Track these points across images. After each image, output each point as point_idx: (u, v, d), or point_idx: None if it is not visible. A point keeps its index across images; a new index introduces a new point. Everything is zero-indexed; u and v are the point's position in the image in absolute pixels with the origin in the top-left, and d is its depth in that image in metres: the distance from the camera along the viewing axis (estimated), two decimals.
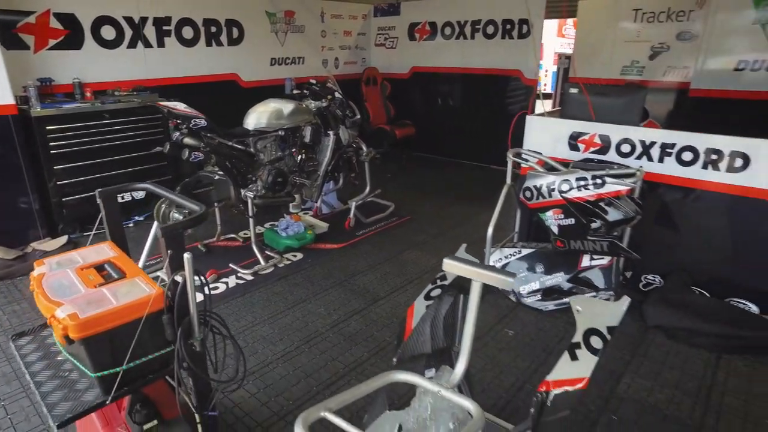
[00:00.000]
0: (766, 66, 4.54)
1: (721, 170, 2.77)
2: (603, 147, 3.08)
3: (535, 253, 3.04)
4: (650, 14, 5.77)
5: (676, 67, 5.62)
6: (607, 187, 2.63)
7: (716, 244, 2.93)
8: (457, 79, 6.60)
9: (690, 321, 2.72)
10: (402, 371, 1.49)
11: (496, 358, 2.56)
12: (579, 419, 2.15)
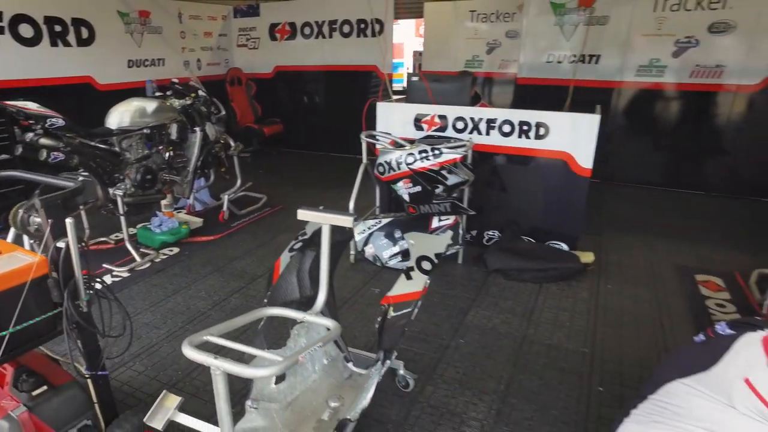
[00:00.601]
0: (566, 59, 5.52)
1: (531, 138, 3.45)
2: (442, 126, 3.63)
3: (393, 221, 3.49)
4: (484, 15, 6.63)
5: (507, 60, 6.54)
6: (444, 157, 3.15)
7: (534, 199, 3.62)
8: (320, 77, 6.97)
9: (519, 262, 3.35)
10: (272, 307, 1.79)
11: (365, 312, 2.94)
12: (433, 346, 2.61)
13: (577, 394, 2.26)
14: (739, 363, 1.34)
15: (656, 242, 4.01)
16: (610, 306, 3.04)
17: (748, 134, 5.07)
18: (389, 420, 2.08)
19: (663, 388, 1.50)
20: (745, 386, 1.30)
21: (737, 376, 1.33)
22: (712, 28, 4.91)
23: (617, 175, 5.63)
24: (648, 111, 5.52)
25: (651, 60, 5.24)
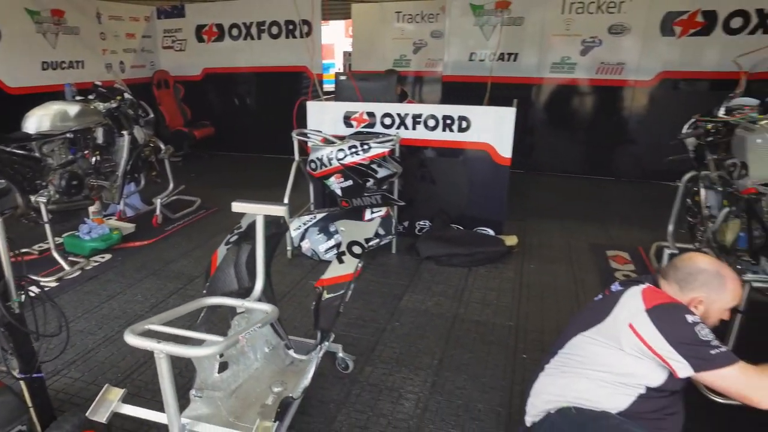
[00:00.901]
0: (486, 57, 5.86)
1: (454, 131, 3.68)
2: (371, 122, 3.78)
3: (328, 215, 3.60)
4: (409, 16, 6.88)
5: (434, 59, 6.83)
6: (373, 151, 3.30)
7: (460, 188, 3.86)
8: (251, 78, 6.94)
9: (450, 248, 3.57)
10: (211, 297, 1.86)
11: (304, 303, 3.04)
12: (370, 330, 2.75)
13: (503, 363, 2.48)
14: (624, 312, 1.57)
15: (572, 224, 4.39)
16: (532, 283, 3.32)
17: (647, 125, 5.62)
18: (331, 400, 2.20)
19: (569, 342, 1.72)
20: (629, 330, 1.53)
21: (623, 322, 1.56)
22: (611, 30, 5.42)
23: (539, 166, 6.03)
24: (564, 105, 5.97)
25: (562, 58, 5.68)
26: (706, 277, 1.59)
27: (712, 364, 1.44)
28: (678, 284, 1.61)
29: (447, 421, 2.08)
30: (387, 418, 2.09)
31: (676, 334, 1.47)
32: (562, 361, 1.72)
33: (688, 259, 1.68)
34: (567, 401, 1.63)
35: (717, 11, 5.09)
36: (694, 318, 1.50)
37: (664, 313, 1.51)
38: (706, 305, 1.58)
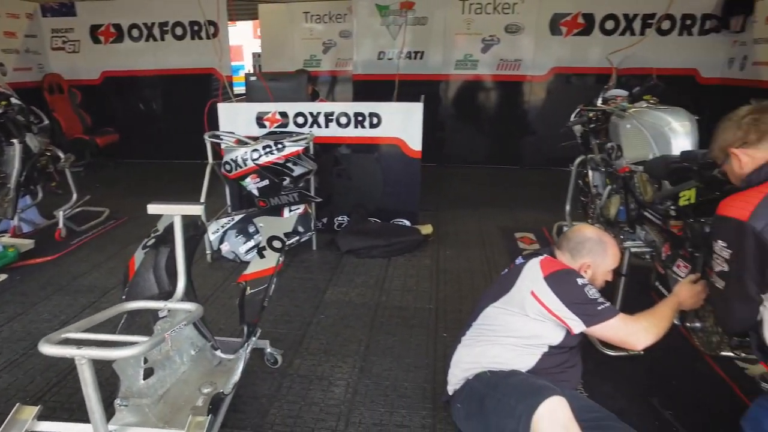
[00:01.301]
0: (394, 56, 6.05)
1: (366, 127, 3.81)
2: (283, 122, 3.81)
3: (246, 217, 3.59)
4: (317, 16, 6.92)
5: (344, 58, 6.93)
6: (287, 150, 3.34)
7: (375, 182, 4.00)
8: (156, 81, 6.64)
9: (369, 241, 3.69)
10: (131, 301, 1.83)
11: (228, 305, 3.01)
12: (297, 325, 2.80)
13: (426, 343, 2.63)
14: (526, 282, 1.77)
15: (483, 211, 4.69)
16: (449, 268, 3.53)
17: (544, 115, 6.11)
18: (263, 395, 2.23)
19: (481, 314, 1.89)
20: (532, 297, 1.73)
21: (526, 290, 1.75)
22: (507, 29, 5.83)
23: (450, 158, 6.34)
24: (469, 99, 6.32)
25: (465, 55, 6.02)
26: (591, 244, 1.83)
27: (599, 318, 1.67)
28: (570, 253, 1.85)
29: (376, 401, 2.19)
30: (319, 405, 2.16)
31: (569, 296, 1.69)
32: (476, 332, 1.89)
33: (577, 230, 1.92)
34: (482, 366, 1.80)
35: (594, 14, 5.69)
36: (583, 281, 1.73)
37: (559, 279, 1.72)
38: (593, 269, 1.82)
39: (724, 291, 1.56)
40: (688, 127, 2.41)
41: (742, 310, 1.56)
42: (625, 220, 2.70)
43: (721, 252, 1.51)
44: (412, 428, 2.04)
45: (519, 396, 1.59)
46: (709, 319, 2.00)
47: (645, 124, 2.58)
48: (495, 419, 1.64)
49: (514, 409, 1.55)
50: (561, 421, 1.47)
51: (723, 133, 1.64)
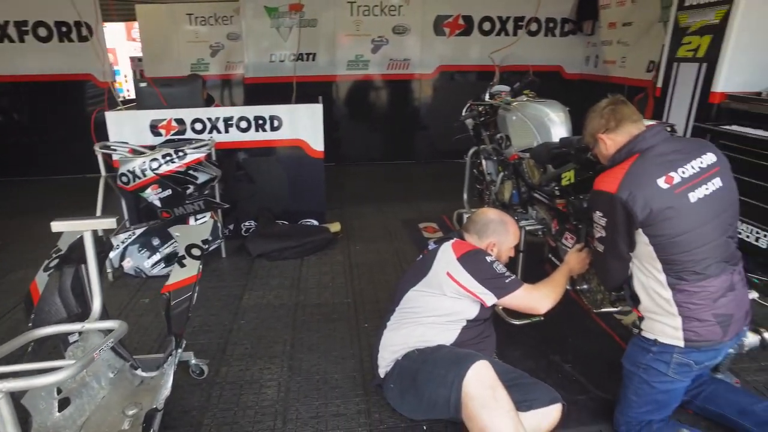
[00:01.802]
0: (287, 58, 6.05)
1: (267, 130, 3.80)
2: (180, 129, 3.67)
3: (149, 230, 3.41)
4: (202, 18, 6.65)
5: (233, 61, 6.75)
6: (189, 157, 3.23)
7: (281, 185, 4.01)
8: (19, 89, 5.89)
9: (279, 243, 3.69)
10: (41, 328, 1.70)
11: (140, 322, 2.86)
12: (217, 333, 2.74)
13: (349, 335, 2.73)
14: (441, 264, 1.94)
15: (386, 206, 4.88)
16: (361, 262, 3.65)
17: (434, 111, 6.48)
18: (193, 407, 2.18)
19: (403, 298, 2.03)
20: (448, 277, 1.90)
21: (442, 272, 1.92)
22: (395, 30, 6.09)
23: (348, 157, 6.47)
24: (363, 99, 6.50)
25: (356, 56, 6.18)
26: (495, 225, 2.06)
27: (507, 290, 1.90)
28: (477, 234, 2.06)
29: (310, 396, 2.24)
30: (253, 408, 2.17)
31: (481, 273, 1.89)
32: (399, 316, 2.03)
33: (481, 213, 2.14)
34: (410, 346, 1.95)
35: (473, 16, 6.17)
36: (491, 258, 1.95)
37: (470, 258, 1.92)
38: (498, 246, 2.05)
39: (603, 253, 1.86)
40: (562, 117, 2.77)
41: (617, 268, 1.87)
42: (518, 202, 3.01)
43: (598, 221, 1.80)
44: (348, 415, 2.13)
45: (448, 366, 1.75)
46: (593, 280, 2.33)
47: (528, 116, 2.90)
48: (428, 391, 1.79)
49: (445, 378, 1.71)
50: (487, 382, 1.65)
51: (590, 122, 1.94)
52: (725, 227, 1.75)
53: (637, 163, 1.72)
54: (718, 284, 1.71)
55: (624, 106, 1.86)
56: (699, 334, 1.72)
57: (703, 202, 1.68)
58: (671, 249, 1.68)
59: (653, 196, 1.65)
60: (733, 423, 1.94)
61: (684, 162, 1.71)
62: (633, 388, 1.89)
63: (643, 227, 1.67)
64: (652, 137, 1.76)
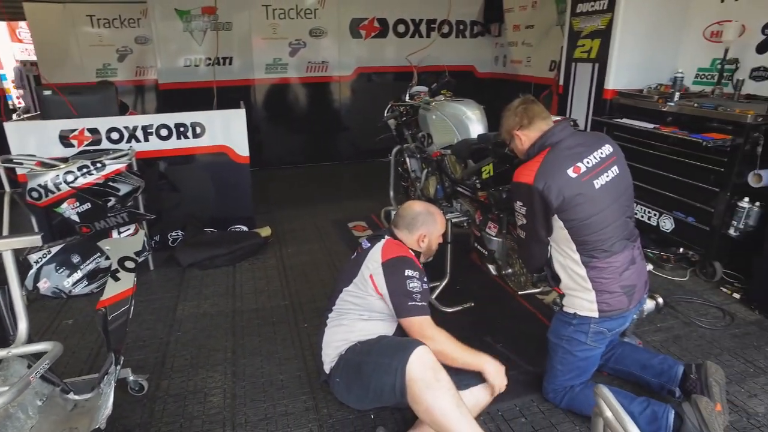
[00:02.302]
0: (202, 62, 5.91)
1: (190, 137, 3.71)
2: (95, 139, 3.49)
3: (66, 247, 3.22)
4: (105, 20, 6.28)
5: (144, 66, 6.45)
6: (108, 168, 3.10)
7: (207, 193, 3.93)
8: None
9: (209, 251, 3.63)
10: None
11: (66, 345, 2.67)
12: (154, 347, 2.67)
13: (290, 337, 2.76)
14: (369, 266, 1.99)
15: (315, 207, 4.93)
16: (294, 264, 3.68)
17: (354, 112, 6.60)
18: (136, 425, 2.13)
19: (338, 298, 2.09)
20: (370, 281, 1.95)
21: (367, 273, 1.98)
22: (312, 33, 6.13)
23: (271, 161, 6.42)
24: (283, 102, 6.47)
25: (275, 59, 6.15)
26: (423, 217, 2.15)
27: (405, 314, 1.91)
28: (407, 229, 2.15)
29: (257, 399, 2.27)
30: (200, 418, 2.16)
31: (392, 285, 1.92)
32: (338, 313, 2.09)
33: (407, 207, 2.20)
34: (352, 341, 2.02)
35: (387, 19, 6.35)
36: (411, 272, 1.94)
37: (392, 266, 1.95)
38: (428, 237, 2.15)
39: (526, 239, 2.06)
40: (479, 115, 2.98)
41: (538, 252, 2.08)
42: (443, 196, 3.20)
43: (519, 210, 1.99)
44: (296, 414, 2.18)
45: (391, 354, 1.83)
46: (516, 264, 2.56)
47: (447, 114, 3.09)
48: (374, 380, 1.86)
49: (389, 366, 1.80)
50: (429, 364, 1.76)
51: (506, 120, 2.13)
52: (624, 208, 2.02)
53: (548, 156, 1.93)
54: (622, 259, 1.96)
55: (534, 105, 2.07)
56: (610, 304, 1.97)
57: (605, 188, 1.93)
58: (583, 231, 1.90)
59: (565, 184, 1.86)
60: (637, 378, 2.22)
61: (587, 153, 1.94)
62: (558, 359, 2.12)
63: (558, 213, 1.89)
64: (559, 132, 1.98)
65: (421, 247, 2.14)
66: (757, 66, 3.43)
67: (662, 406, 1.90)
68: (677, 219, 3.40)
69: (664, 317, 2.89)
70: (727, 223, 3.09)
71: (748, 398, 2.25)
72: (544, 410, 2.19)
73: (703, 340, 2.69)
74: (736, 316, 2.90)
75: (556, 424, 2.11)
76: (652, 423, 1.88)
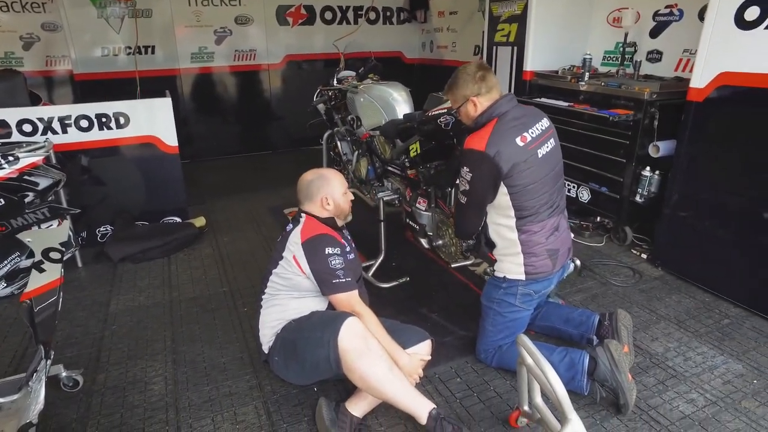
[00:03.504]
0: (121, 51, 5.64)
1: (113, 128, 3.58)
2: (4, 132, 3.28)
3: None
4: (3, 4, 5.79)
5: (55, 55, 6.04)
6: (23, 161, 2.93)
7: (136, 185, 3.80)
8: None
9: (142, 244, 3.54)
10: None
11: None
12: (87, 343, 2.60)
13: (230, 321, 2.78)
14: (291, 247, 2.05)
15: (249, 196, 4.90)
16: (230, 252, 3.67)
17: (285, 100, 6.56)
18: (71, 420, 2.08)
19: (269, 280, 2.14)
20: (294, 261, 2.02)
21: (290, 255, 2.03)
22: (237, 21, 6.00)
23: (202, 152, 6.26)
24: (211, 91, 6.30)
25: (200, 48, 5.97)
26: (317, 183, 2.12)
27: (331, 290, 2.00)
28: (309, 200, 2.14)
29: (200, 383, 2.28)
30: (141, 406, 2.15)
31: (314, 265, 2.00)
32: (271, 294, 2.14)
33: (301, 180, 2.19)
34: (286, 320, 2.08)
35: (314, 6, 6.33)
36: (332, 250, 2.01)
37: (311, 246, 2.02)
38: (331, 197, 2.12)
39: (465, 204, 2.14)
40: (404, 96, 3.09)
41: (474, 217, 2.19)
42: (374, 177, 3.30)
43: (465, 176, 2.07)
44: (240, 393, 2.22)
45: (322, 327, 1.91)
46: (446, 236, 2.70)
47: (374, 97, 3.18)
48: (309, 355, 1.94)
49: (321, 339, 1.87)
50: (359, 333, 1.85)
51: (464, 85, 2.12)
52: (557, 178, 2.19)
53: (498, 126, 2.04)
54: (549, 225, 2.14)
55: (491, 74, 2.15)
56: (536, 267, 2.14)
57: (545, 158, 2.09)
58: (523, 197, 2.05)
59: (514, 152, 1.99)
60: (560, 331, 2.44)
61: (531, 124, 2.08)
62: (489, 320, 2.28)
63: (505, 179, 2.01)
64: (506, 104, 2.10)
65: (328, 210, 2.13)
66: (652, 49, 3.78)
67: (578, 353, 2.11)
68: (593, 190, 3.70)
69: (583, 279, 3.16)
70: (634, 191, 3.40)
71: (650, 342, 2.53)
72: (477, 370, 2.35)
73: (616, 297, 2.97)
74: (643, 274, 3.22)
75: (489, 381, 2.28)
76: (570, 369, 2.08)
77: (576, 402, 2.00)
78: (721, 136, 2.81)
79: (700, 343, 2.51)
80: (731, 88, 2.69)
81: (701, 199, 2.96)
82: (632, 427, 1.99)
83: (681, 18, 3.56)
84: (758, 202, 2.65)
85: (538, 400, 1.76)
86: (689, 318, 2.74)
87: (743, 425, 1.99)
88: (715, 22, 2.68)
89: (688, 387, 2.21)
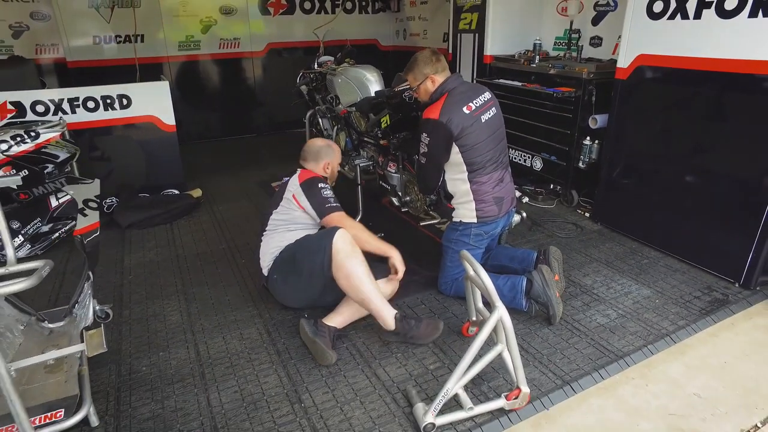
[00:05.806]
0: (112, 40, 5.98)
1: (117, 109, 3.99)
2: (19, 112, 3.67)
3: (4, 213, 3.42)
4: None
5: (45, 44, 6.31)
6: (43, 137, 3.35)
7: (138, 160, 4.24)
8: None
9: (147, 212, 3.97)
10: None
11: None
12: (108, 290, 3.04)
13: (231, 270, 3.24)
14: (291, 189, 2.58)
15: (239, 173, 5.33)
16: (226, 218, 4.11)
17: (269, 86, 6.96)
18: (108, 340, 2.51)
19: (270, 218, 2.63)
20: (293, 199, 2.55)
21: (289, 194, 2.57)
22: (222, 10, 6.38)
23: (193, 136, 6.63)
24: (200, 78, 6.66)
25: (187, 36, 6.33)
26: (325, 149, 2.74)
27: (326, 213, 2.52)
28: (314, 160, 2.72)
29: (209, 314, 2.76)
30: (163, 331, 2.62)
31: (311, 198, 2.53)
32: (270, 230, 2.64)
33: (311, 143, 2.79)
34: (283, 246, 2.57)
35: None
36: (322, 185, 2.57)
37: (308, 184, 2.57)
38: (331, 164, 2.74)
39: (425, 164, 2.66)
40: (376, 76, 3.59)
41: (434, 174, 2.71)
42: (352, 147, 3.79)
43: (424, 140, 2.59)
44: (244, 320, 2.70)
45: (319, 238, 2.43)
46: (412, 193, 3.21)
47: (350, 78, 3.67)
48: (306, 263, 2.41)
49: (318, 245, 2.36)
50: (348, 240, 2.34)
51: (424, 65, 2.64)
52: (499, 139, 2.70)
53: (448, 99, 2.55)
54: (495, 177, 2.66)
55: (442, 57, 2.69)
56: (485, 211, 2.66)
57: (487, 123, 2.60)
58: (472, 154, 2.56)
59: (462, 118, 2.50)
60: (507, 268, 2.94)
61: (475, 96, 2.60)
62: (448, 257, 2.80)
63: (456, 140, 2.52)
64: (454, 81, 2.62)
65: (327, 172, 2.74)
66: (594, 35, 4.33)
67: (518, 277, 2.64)
68: (544, 159, 4.24)
69: (533, 233, 3.70)
70: (577, 159, 3.94)
71: (582, 277, 3.09)
72: (438, 299, 2.87)
73: (560, 246, 3.50)
74: (584, 228, 3.78)
75: (448, 306, 2.80)
76: (512, 290, 2.61)
77: (516, 318, 2.55)
78: (642, 108, 3.36)
79: (621, 277, 3.08)
80: (648, 68, 3.24)
81: (628, 164, 3.53)
82: (559, 334, 2.54)
83: (616, 8, 4.11)
84: (672, 164, 3.21)
85: (480, 305, 2.28)
86: (616, 260, 3.30)
87: (641, 329, 2.57)
88: (633, 12, 3.22)
89: (605, 306, 2.77)
